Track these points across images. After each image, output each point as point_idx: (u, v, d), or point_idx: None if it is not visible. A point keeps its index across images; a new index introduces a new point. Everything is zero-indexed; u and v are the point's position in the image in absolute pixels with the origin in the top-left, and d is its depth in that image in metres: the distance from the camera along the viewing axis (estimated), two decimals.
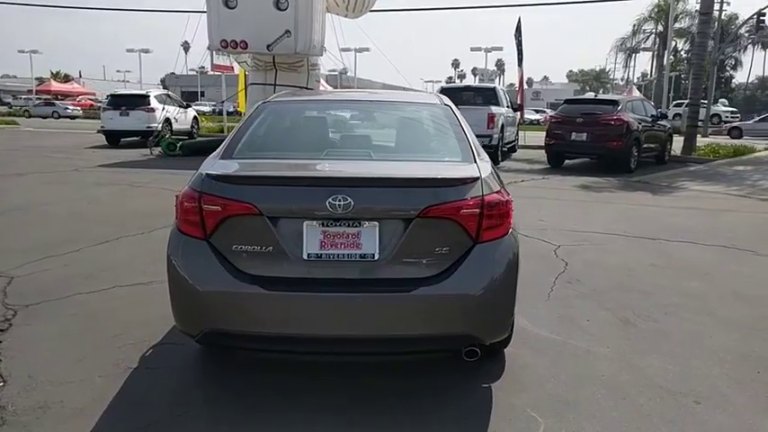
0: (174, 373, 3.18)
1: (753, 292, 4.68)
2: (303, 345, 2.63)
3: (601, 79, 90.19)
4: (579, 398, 2.94)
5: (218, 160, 2.89)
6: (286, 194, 2.58)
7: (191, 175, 2.88)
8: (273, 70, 16.05)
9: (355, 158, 3.11)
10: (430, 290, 2.49)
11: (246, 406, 2.82)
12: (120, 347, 3.46)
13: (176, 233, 2.72)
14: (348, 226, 2.54)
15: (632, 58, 45.13)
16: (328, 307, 2.52)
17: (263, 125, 3.34)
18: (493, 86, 16.60)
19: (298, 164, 2.94)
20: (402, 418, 2.72)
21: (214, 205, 2.57)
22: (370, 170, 2.77)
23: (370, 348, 2.70)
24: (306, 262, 2.54)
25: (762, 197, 9.54)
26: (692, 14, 41.55)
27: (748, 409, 2.85)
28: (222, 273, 2.55)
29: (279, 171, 2.76)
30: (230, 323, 2.58)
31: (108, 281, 4.64)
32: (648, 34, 42.94)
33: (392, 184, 2.62)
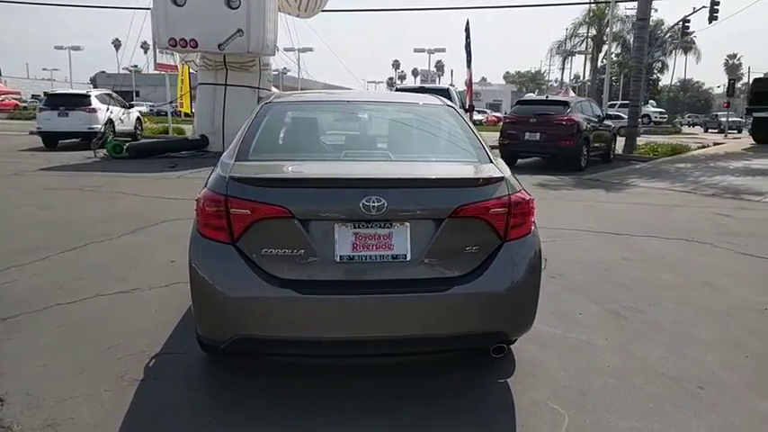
0: (184, 383, 3.07)
1: (720, 281, 4.98)
2: (337, 348, 2.61)
3: (536, 81, 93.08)
4: (593, 389, 3.04)
5: (235, 162, 2.80)
6: (319, 196, 2.55)
7: (143, 177, 2.80)
8: (224, 70, 15.71)
9: (376, 159, 3.10)
10: (463, 288, 2.53)
11: (270, 410, 2.76)
12: (119, 359, 3.30)
13: (198, 238, 2.62)
14: (379, 227, 2.54)
15: (569, 60, 46.84)
16: (364, 309, 2.51)
17: (271, 126, 3.28)
18: (447, 87, 16.82)
19: (325, 165, 2.90)
20: (431, 422, 2.73)
21: (242, 209, 2.50)
22: (401, 171, 2.77)
23: (403, 349, 2.71)
24: (338, 264, 2.52)
25: (705, 193, 10.12)
26: (623, 19, 43.52)
27: (747, 392, 3.04)
28: (253, 278, 2.48)
29: (311, 173, 2.72)
30: (262, 328, 2.52)
31: (87, 290, 4.42)
32: (583, 38, 44.63)
33: (424, 185, 2.64)
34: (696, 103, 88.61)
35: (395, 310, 2.52)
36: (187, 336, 3.60)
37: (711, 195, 9.85)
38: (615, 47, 45.99)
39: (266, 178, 2.63)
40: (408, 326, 2.54)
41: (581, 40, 44.73)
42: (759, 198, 9.44)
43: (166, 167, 12.45)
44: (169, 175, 11.39)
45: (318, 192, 2.58)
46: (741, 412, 2.83)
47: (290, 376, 3.12)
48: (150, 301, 4.26)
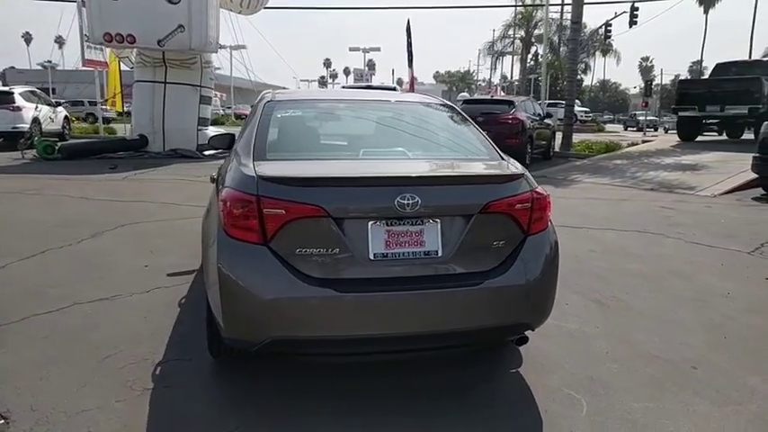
0: (198, 389, 2.98)
1: (682, 269, 5.32)
2: (372, 345, 2.61)
3: (466, 80, 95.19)
4: (599, 374, 3.20)
5: (255, 162, 2.75)
6: (354, 195, 2.55)
7: (86, 180, 2.73)
8: (163, 67, 15.14)
9: (395, 158, 3.11)
10: (495, 282, 2.60)
11: (291, 412, 2.74)
12: (121, 368, 3.16)
13: (225, 239, 2.54)
14: (411, 224, 2.57)
15: (499, 61, 48.29)
16: (401, 305, 2.53)
17: (282, 125, 3.23)
18: (393, 86, 16.97)
19: (353, 164, 2.90)
20: (456, 418, 2.79)
21: (277, 208, 2.46)
22: (430, 169, 2.81)
23: (438, 344, 2.74)
24: (372, 262, 2.53)
25: (644, 187, 10.74)
26: (549, 22, 45.28)
27: (736, 370, 3.28)
28: (289, 278, 2.45)
29: (344, 171, 2.71)
30: (299, 329, 2.49)
31: (62, 299, 4.18)
32: (512, 39, 46.15)
33: (455, 182, 2.70)
34: (615, 102, 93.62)
35: (431, 306, 2.56)
36: (186, 342, 3.51)
37: (650, 190, 10.47)
38: (543, 48, 47.84)
39: (301, 177, 2.59)
40: (444, 321, 2.59)
41: (510, 41, 46.21)
42: (692, 191, 10.12)
43: (107, 169, 11.86)
44: (113, 176, 10.87)
45: (354, 190, 2.57)
46: (736, 388, 3.06)
47: (297, 377, 3.08)
48: (135, 308, 4.09)
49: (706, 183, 10.65)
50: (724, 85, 14.59)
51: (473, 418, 2.76)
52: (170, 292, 4.45)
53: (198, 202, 8.31)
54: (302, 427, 2.64)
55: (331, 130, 3.49)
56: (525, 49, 46.00)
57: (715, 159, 12.93)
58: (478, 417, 2.77)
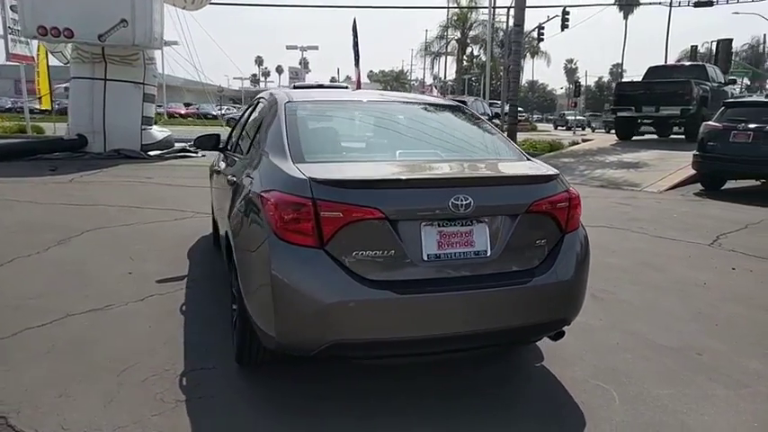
0: (235, 397, 2.89)
1: (655, 262, 5.64)
2: (428, 345, 2.62)
3: (400, 80, 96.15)
4: (617, 364, 3.35)
5: (297, 164, 2.70)
6: (409, 197, 2.56)
7: (27, 182, 2.65)
8: (103, 63, 14.40)
9: (435, 159, 3.13)
10: (541, 280, 2.68)
11: (339, 412, 2.72)
12: (144, 381, 3.02)
13: (278, 243, 2.49)
14: (461, 225, 2.61)
15: (437, 61, 49.10)
16: (456, 305, 2.56)
17: (310, 127, 3.18)
18: (346, 85, 16.89)
19: (401, 166, 2.89)
20: (490, 419, 2.86)
21: (334, 211, 2.43)
22: (478, 170, 2.85)
23: (488, 342, 2.78)
24: (426, 263, 2.55)
25: (594, 185, 11.24)
26: (484, 23, 46.43)
27: (735, 354, 3.53)
28: (348, 281, 2.43)
29: (401, 173, 2.70)
30: (358, 332, 2.47)
31: (50, 311, 3.93)
32: (448, 40, 47.01)
33: (503, 183, 2.76)
34: (543, 102, 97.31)
35: (484, 305, 2.60)
36: (203, 350, 3.40)
37: (601, 187, 10.98)
38: (477, 49, 49.05)
39: (358, 180, 2.57)
40: (495, 319, 2.64)
41: (446, 42, 47.04)
42: (639, 188, 10.70)
43: (47, 171, 11.18)
44: (58, 179, 10.25)
45: (409, 192, 2.58)
46: (742, 372, 3.29)
47: (322, 380, 3.06)
48: (135, 317, 3.91)
49: (650, 180, 11.28)
50: (658, 87, 15.52)
51: (518, 411, 2.83)
52: (166, 299, 4.28)
53: (158, 204, 8.03)
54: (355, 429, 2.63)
55: (360, 131, 3.46)
56: (461, 49, 46.96)
57: (653, 157, 13.71)
58: (522, 410, 2.85)
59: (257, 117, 3.99)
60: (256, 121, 3.96)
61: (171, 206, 7.95)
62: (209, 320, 3.88)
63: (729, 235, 6.86)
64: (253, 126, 4.16)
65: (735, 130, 9.65)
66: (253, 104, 4.45)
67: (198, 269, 5.03)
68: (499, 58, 48.72)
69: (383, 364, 2.97)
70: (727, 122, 9.92)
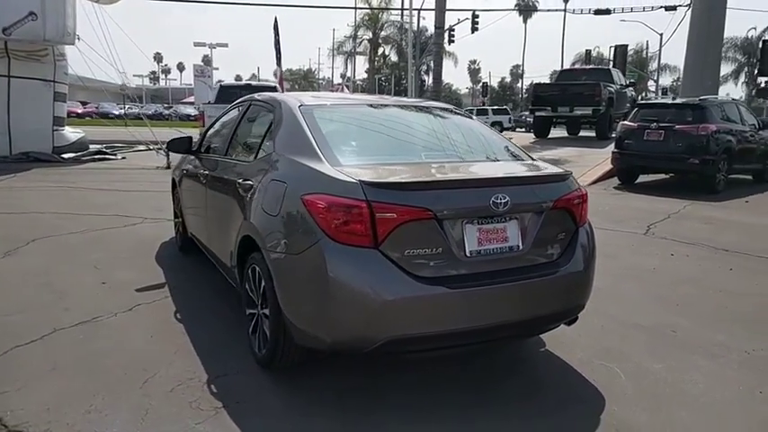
0: (275, 400, 2.90)
1: (605, 250, 6.05)
2: (473, 336, 2.78)
3: (308, 79, 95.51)
4: (609, 344, 3.67)
5: (336, 167, 2.77)
6: (455, 196, 2.71)
7: None
8: (5, 59, 13.32)
9: (455, 160, 3.28)
10: (565, 270, 2.93)
11: (367, 408, 2.82)
12: (172, 391, 2.96)
13: (333, 245, 2.55)
14: (497, 222, 2.79)
15: (350, 60, 49.28)
16: (498, 297, 2.75)
17: (333, 130, 3.23)
18: (274, 85, 16.65)
19: (441, 167, 3.01)
20: (514, 406, 3.08)
21: (389, 212, 2.53)
22: (511, 171, 3.05)
23: (524, 330, 2.99)
24: (468, 259, 2.71)
25: None
26: (395, 24, 47.26)
27: (703, 329, 3.97)
28: (403, 279, 2.54)
29: (447, 174, 2.83)
30: (413, 327, 2.59)
31: (35, 326, 3.71)
32: (360, 40, 47.40)
33: (533, 182, 2.97)
34: (450, 102, 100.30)
35: (521, 296, 2.81)
36: (219, 357, 3.37)
37: None
38: (389, 49, 49.79)
39: (410, 182, 2.69)
40: (530, 308, 2.85)
41: (357, 41, 47.39)
42: None
43: None
44: None
45: (455, 192, 2.74)
46: (711, 344, 3.72)
47: (346, 373, 3.17)
48: (130, 328, 3.78)
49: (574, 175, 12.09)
50: (571, 89, 16.63)
51: (539, 395, 3.06)
52: (155, 308, 4.15)
53: (98, 211, 7.65)
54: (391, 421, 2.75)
55: (377, 133, 3.53)
56: (373, 49, 47.48)
57: (571, 154, 14.68)
58: (543, 394, 3.08)
59: (258, 121, 3.97)
60: (258, 125, 3.95)
61: (114, 212, 7.58)
62: (209, 327, 3.82)
63: (658, 224, 7.57)
64: (252, 130, 4.13)
65: (648, 129, 10.60)
66: (240, 108, 4.38)
67: (174, 276, 4.89)
68: (411, 59, 49.77)
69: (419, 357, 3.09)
70: (641, 122, 10.87)
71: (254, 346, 3.25)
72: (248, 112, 4.15)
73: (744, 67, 50.70)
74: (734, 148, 10.57)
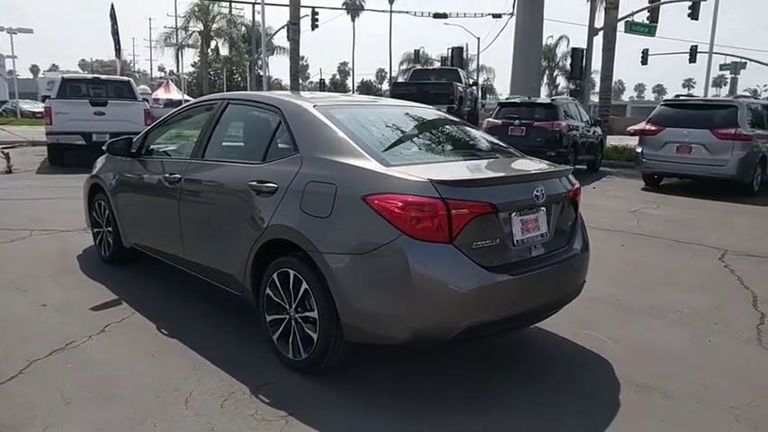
0: (338, 402, 2.90)
1: None
2: (524, 318, 3.05)
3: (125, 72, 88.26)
4: (583, 316, 4.08)
5: (391, 168, 2.86)
6: (509, 191, 2.97)
7: None
8: None
9: (481, 157, 3.48)
10: (578, 252, 3.34)
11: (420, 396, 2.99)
12: (222, 407, 2.82)
13: (412, 243, 2.65)
14: (533, 213, 3.09)
15: (182, 53, 46.37)
16: (545, 280, 3.06)
17: (359, 130, 3.24)
18: (128, 80, 15.13)
19: (485, 164, 3.21)
20: (526, 386, 3.43)
21: (462, 209, 2.70)
22: (538, 166, 3.34)
23: (556, 308, 3.29)
24: (515, 247, 2.97)
25: None
26: (226, 17, 45.61)
27: (644, 298, 4.70)
28: (476, 269, 2.73)
29: (502, 172, 3.02)
30: (485, 313, 2.80)
31: (3, 362, 3.22)
32: (191, 32, 44.95)
33: (556, 176, 3.29)
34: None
35: (557, 277, 3.15)
36: (245, 365, 3.27)
37: None
38: (222, 43, 47.93)
39: (474, 179, 2.90)
40: (561, 288, 3.22)
41: (189, 33, 44.92)
42: None
43: None
44: None
45: (509, 187, 3.00)
46: (656, 307, 4.43)
47: (372, 371, 3.29)
48: (119, 349, 3.45)
49: None
50: (427, 87, 17.68)
51: (545, 369, 3.44)
52: (130, 326, 3.81)
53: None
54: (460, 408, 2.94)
55: (402, 132, 3.59)
56: (205, 42, 45.34)
57: None
58: (548, 368, 3.45)
59: (250, 122, 3.84)
60: (252, 126, 3.83)
61: None
62: (208, 337, 3.62)
63: None
64: (243, 131, 3.97)
65: (511, 126, 11.78)
66: (211, 108, 4.06)
67: (124, 290, 4.44)
68: (245, 54, 48.51)
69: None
70: (505, 119, 12.04)
71: (288, 352, 3.18)
72: (227, 112, 3.93)
73: (545, 70, 57.52)
74: (578, 141, 12.20)
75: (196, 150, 3.99)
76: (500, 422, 2.79)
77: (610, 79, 18.43)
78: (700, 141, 10.40)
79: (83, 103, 12.04)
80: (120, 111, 12.24)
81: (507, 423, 2.79)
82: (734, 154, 10.11)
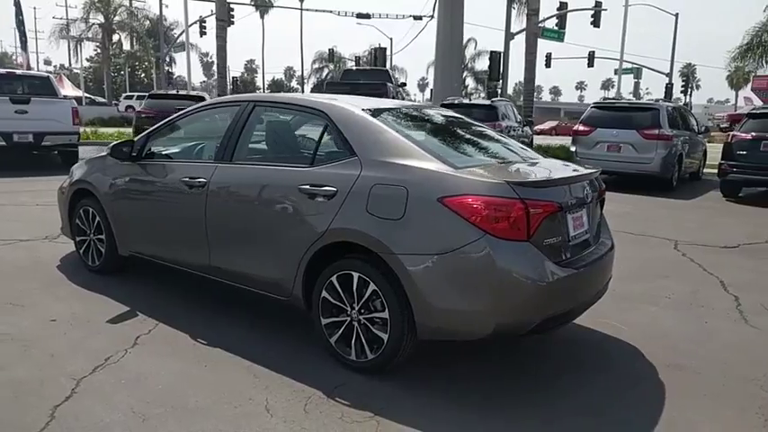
0: (416, 400, 2.98)
1: None
2: (579, 310, 3.26)
3: (5, 63, 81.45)
4: (598, 306, 4.23)
5: (457, 170, 2.99)
6: (567, 191, 3.17)
7: None
8: None
9: (525, 160, 3.64)
10: (610, 245, 3.62)
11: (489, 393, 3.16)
12: (306, 411, 2.82)
13: (495, 241, 2.77)
14: (578, 211, 3.32)
15: (80, 46, 43.22)
16: (597, 273, 3.30)
17: (416, 134, 3.32)
18: (47, 75, 13.97)
19: (529, 165, 3.47)
20: (574, 366, 3.69)
21: (538, 208, 2.87)
22: (576, 167, 3.57)
23: (592, 304, 3.52)
24: (570, 243, 3.19)
25: None
26: (128, 9, 43.22)
27: (622, 284, 5.12)
28: (552, 265, 2.92)
29: (558, 173, 3.28)
30: (557, 306, 2.99)
31: (45, 381, 3.03)
32: (90, 24, 42.16)
33: (593, 177, 3.52)
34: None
35: (602, 269, 3.40)
36: (308, 369, 3.26)
37: None
38: (125, 37, 45.36)
39: (544, 180, 3.09)
40: (603, 281, 3.47)
41: (89, 26, 42.11)
42: None
43: None
44: None
45: (567, 187, 3.20)
46: (639, 293, 4.86)
47: (427, 368, 3.42)
48: (165, 362, 3.32)
49: None
50: (361, 87, 17.72)
51: (582, 354, 3.71)
52: (160, 337, 3.67)
53: None
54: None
55: (447, 135, 3.67)
56: (107, 36, 42.66)
57: None
58: (584, 352, 3.74)
59: (288, 125, 3.79)
60: (290, 130, 3.79)
61: None
62: (254, 343, 3.57)
63: None
64: (280, 135, 3.93)
65: None
66: (235, 111, 3.95)
67: (133, 300, 4.21)
68: (150, 50, 46.23)
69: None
70: None
71: (349, 354, 3.21)
72: (255, 115, 3.85)
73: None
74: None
75: (221, 153, 3.87)
76: (565, 397, 3.01)
77: (533, 82, 19.50)
78: (628, 141, 11.32)
79: (2, 100, 11.04)
80: (45, 109, 11.33)
81: (570, 401, 3.02)
82: (657, 152, 11.10)
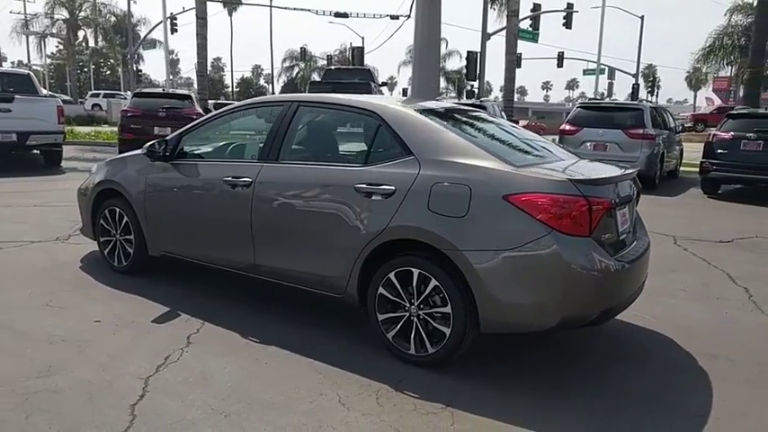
0: (478, 392, 3.08)
1: None
2: (626, 304, 3.39)
3: None
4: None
5: (518, 169, 3.11)
6: (617, 188, 3.33)
7: None
8: None
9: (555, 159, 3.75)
10: (647, 242, 3.77)
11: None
12: (379, 404, 2.89)
13: (562, 237, 2.89)
14: (622, 208, 3.46)
15: (44, 42, 41.96)
16: (640, 267, 3.45)
17: (470, 134, 3.42)
18: (27, 72, 13.56)
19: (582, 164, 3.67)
20: (614, 357, 3.86)
21: (599, 206, 3.00)
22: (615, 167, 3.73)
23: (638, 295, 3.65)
24: (620, 238, 3.34)
25: None
26: (94, 4, 42.15)
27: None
28: (611, 259, 3.06)
29: (607, 172, 3.44)
30: (614, 298, 3.13)
31: (117, 379, 3.01)
32: (55, 19, 40.96)
33: (633, 176, 3.67)
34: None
35: (644, 264, 3.55)
36: (369, 363, 3.34)
37: None
38: (90, 33, 44.24)
39: (601, 179, 3.24)
40: (644, 276, 3.61)
41: (53, 21, 40.92)
42: None
43: None
44: None
45: (618, 185, 3.35)
46: (655, 287, 5.07)
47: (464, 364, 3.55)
48: (225, 361, 3.33)
49: None
50: (345, 87, 17.76)
51: (621, 348, 3.87)
52: (211, 336, 3.68)
53: None
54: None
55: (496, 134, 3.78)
56: (72, 31, 41.50)
57: None
58: (623, 345, 3.90)
59: (335, 125, 3.85)
60: (336, 129, 3.85)
61: None
62: (310, 341, 3.60)
63: None
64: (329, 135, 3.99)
65: None
66: (277, 111, 3.97)
67: (170, 300, 4.20)
68: (117, 47, 45.24)
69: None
70: None
71: (408, 348, 3.28)
72: (299, 115, 3.89)
73: None
74: None
75: (266, 153, 3.90)
76: (618, 385, 3.16)
77: (513, 82, 19.80)
78: (613, 140, 11.66)
79: None
80: (29, 108, 11.04)
81: (624, 389, 3.16)
82: (642, 151, 11.46)
